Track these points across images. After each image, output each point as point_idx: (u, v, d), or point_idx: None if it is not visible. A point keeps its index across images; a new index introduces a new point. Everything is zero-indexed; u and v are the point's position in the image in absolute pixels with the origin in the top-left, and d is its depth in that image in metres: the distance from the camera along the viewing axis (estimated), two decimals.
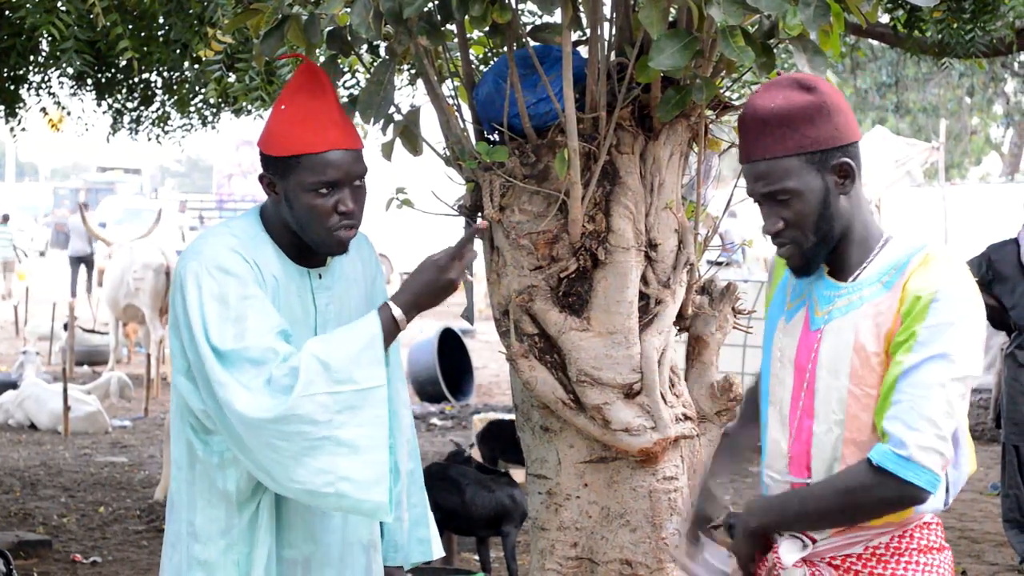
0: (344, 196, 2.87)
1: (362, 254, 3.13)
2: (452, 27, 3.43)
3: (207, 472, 2.91)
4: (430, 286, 2.89)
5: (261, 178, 2.95)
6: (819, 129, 2.50)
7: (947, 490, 2.56)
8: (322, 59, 3.46)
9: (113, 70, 7.98)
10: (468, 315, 3.74)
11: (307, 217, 2.88)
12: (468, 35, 3.58)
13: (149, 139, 8.95)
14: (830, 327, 2.55)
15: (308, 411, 2.74)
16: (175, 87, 8.15)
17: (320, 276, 3.00)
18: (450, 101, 3.50)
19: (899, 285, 2.49)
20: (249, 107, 7.70)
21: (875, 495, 2.45)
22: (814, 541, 2.58)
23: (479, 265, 3.66)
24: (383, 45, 3.56)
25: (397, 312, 2.87)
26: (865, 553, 2.55)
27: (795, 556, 2.59)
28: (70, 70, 7.48)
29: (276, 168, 2.90)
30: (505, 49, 3.32)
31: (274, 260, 2.93)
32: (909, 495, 2.44)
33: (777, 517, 2.61)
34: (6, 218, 27.13)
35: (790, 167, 2.52)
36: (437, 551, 3.26)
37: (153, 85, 8.40)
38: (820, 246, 2.56)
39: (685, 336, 3.62)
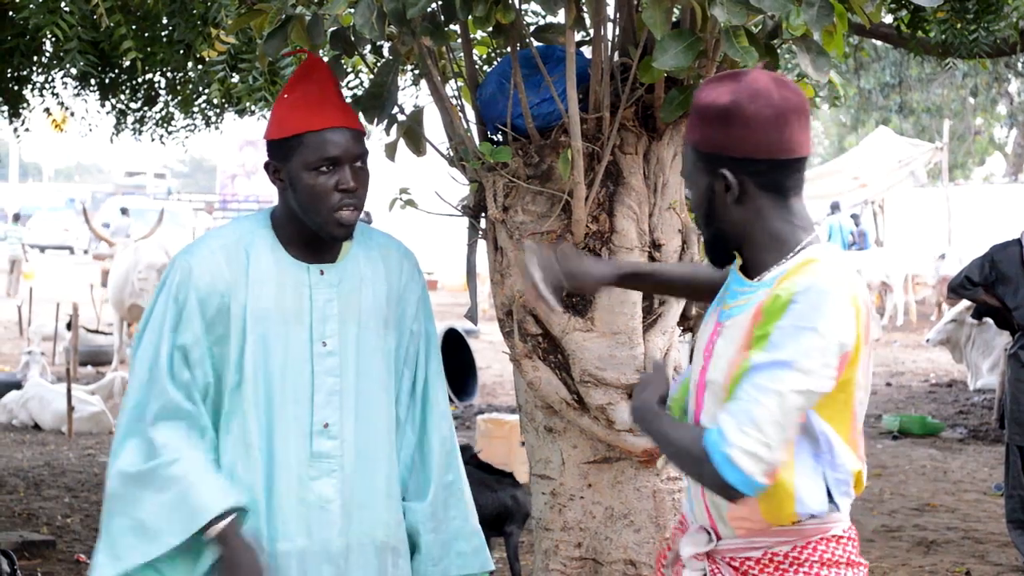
0: (345, 175, 2.90)
1: (389, 261, 3.09)
2: (456, 27, 3.43)
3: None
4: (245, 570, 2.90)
5: (266, 166, 2.98)
6: (713, 132, 2.47)
7: (829, 492, 2.49)
8: (326, 59, 3.46)
9: (117, 71, 7.98)
10: (472, 315, 3.74)
11: (309, 197, 2.90)
12: (472, 35, 3.58)
13: (153, 139, 8.96)
14: (727, 323, 2.54)
15: (112, 485, 2.90)
16: (179, 87, 8.15)
17: (322, 272, 3.00)
18: (454, 101, 3.50)
19: (775, 283, 2.46)
20: (252, 107, 7.70)
21: (699, 471, 2.45)
22: (719, 537, 2.58)
23: (483, 265, 3.66)
24: (387, 45, 3.57)
25: (218, 529, 2.86)
26: (763, 558, 2.53)
27: (693, 549, 2.59)
28: (74, 71, 7.49)
29: (279, 152, 2.94)
30: (509, 49, 3.32)
31: (268, 254, 2.96)
32: (724, 489, 2.42)
33: (643, 421, 2.63)
34: (17, 217, 27.28)
35: (687, 156, 2.54)
36: (479, 564, 3.18)
37: (157, 85, 8.41)
38: (714, 242, 2.56)
39: (689, 336, 3.63)
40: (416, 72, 6.30)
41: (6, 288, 25.30)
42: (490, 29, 3.22)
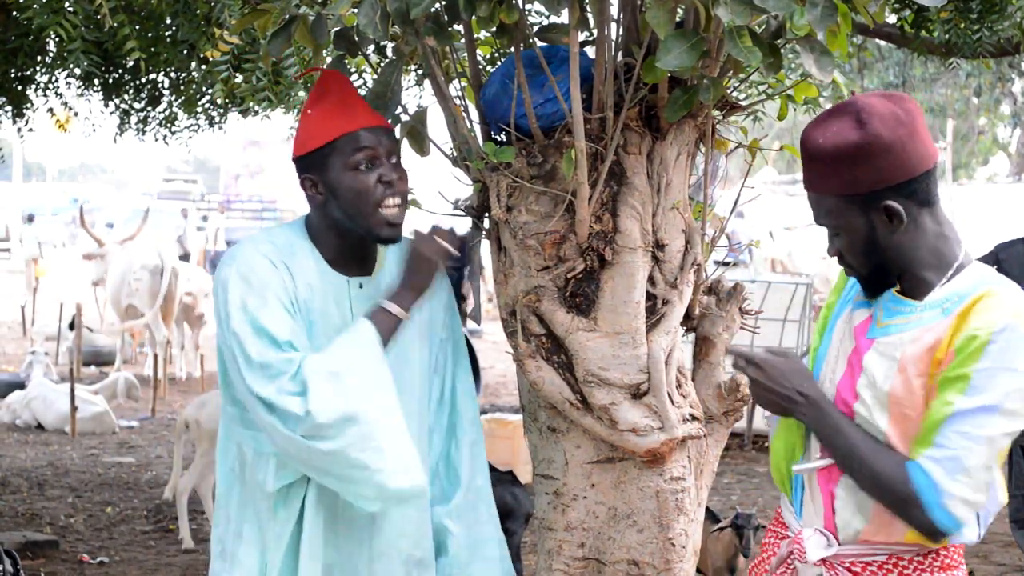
0: (385, 168, 2.92)
1: None
2: (459, 27, 3.43)
3: (251, 470, 2.92)
4: (408, 267, 2.94)
5: (303, 183, 2.96)
6: (859, 172, 2.45)
7: (979, 522, 2.54)
8: (329, 59, 3.46)
9: (120, 71, 7.99)
10: (475, 315, 3.74)
11: (353, 198, 2.89)
12: (475, 35, 3.58)
13: (156, 140, 8.95)
14: (883, 340, 2.54)
15: (327, 419, 2.74)
16: (182, 87, 8.16)
17: (360, 286, 2.99)
18: (457, 101, 3.50)
19: (956, 313, 2.45)
20: (256, 108, 7.71)
21: (901, 508, 2.47)
22: (839, 543, 2.58)
23: (486, 266, 3.66)
24: (390, 46, 3.56)
25: (387, 304, 2.90)
26: (887, 562, 2.55)
27: (820, 553, 2.59)
28: (77, 71, 7.49)
29: (314, 163, 2.93)
30: (512, 49, 3.31)
31: (311, 267, 2.93)
32: (928, 528, 2.45)
33: (816, 418, 2.56)
34: (31, 218, 27.74)
35: (831, 206, 2.52)
36: (503, 571, 3.16)
37: (160, 85, 8.41)
38: (876, 274, 2.54)
39: (692, 336, 3.62)
40: (419, 72, 6.29)
41: (26, 285, 25.46)
42: (494, 29, 3.22)
